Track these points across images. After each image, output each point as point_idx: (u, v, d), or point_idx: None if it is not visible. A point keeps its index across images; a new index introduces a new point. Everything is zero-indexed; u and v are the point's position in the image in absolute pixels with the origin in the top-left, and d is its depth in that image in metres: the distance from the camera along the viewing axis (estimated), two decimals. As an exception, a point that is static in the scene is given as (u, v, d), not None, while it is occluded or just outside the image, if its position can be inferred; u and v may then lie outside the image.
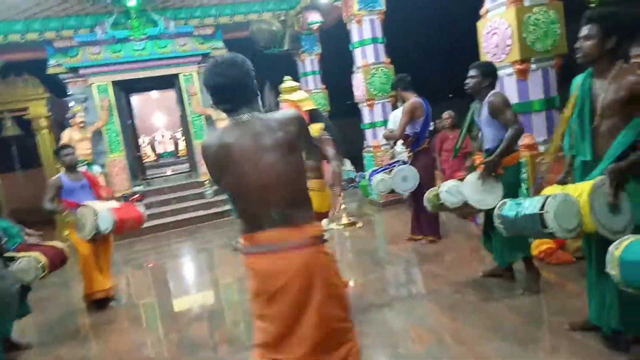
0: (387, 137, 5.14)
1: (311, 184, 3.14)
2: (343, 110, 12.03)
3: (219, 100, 1.74)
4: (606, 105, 2.26)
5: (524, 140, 4.12)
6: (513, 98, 4.14)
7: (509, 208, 2.64)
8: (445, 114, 5.89)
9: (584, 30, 2.32)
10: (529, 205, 2.45)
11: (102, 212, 4.11)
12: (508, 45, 4.04)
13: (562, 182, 2.55)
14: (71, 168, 4.32)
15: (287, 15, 9.76)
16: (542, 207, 2.30)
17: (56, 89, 9.81)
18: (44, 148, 9.12)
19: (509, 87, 4.20)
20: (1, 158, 9.67)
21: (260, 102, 1.80)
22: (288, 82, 3.74)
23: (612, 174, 2.16)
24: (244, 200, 1.71)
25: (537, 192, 2.72)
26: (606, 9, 2.36)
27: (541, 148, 4.08)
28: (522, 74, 4.07)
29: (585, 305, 2.58)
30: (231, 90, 1.71)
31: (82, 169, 4.99)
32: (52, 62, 8.48)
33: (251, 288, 1.77)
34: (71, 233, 4.32)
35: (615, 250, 1.91)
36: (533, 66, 4.07)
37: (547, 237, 2.48)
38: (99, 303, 4.42)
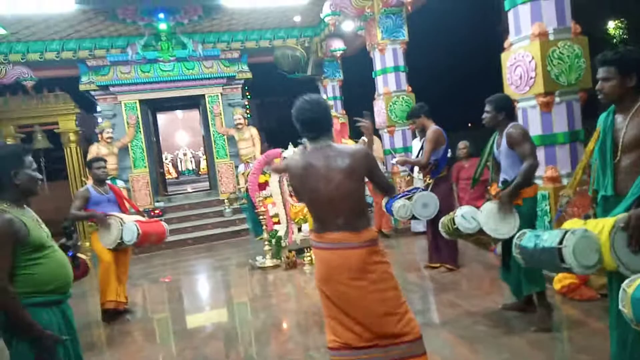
0: (402, 163, 5.20)
1: None
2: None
3: (307, 129, 2.24)
4: (627, 141, 2.27)
5: (547, 172, 4.11)
6: (536, 130, 4.15)
7: (528, 239, 2.61)
8: (461, 144, 5.90)
9: (601, 72, 2.34)
10: (547, 238, 2.42)
11: (128, 223, 4.23)
12: (532, 78, 4.07)
13: (586, 217, 2.53)
14: (100, 181, 4.46)
15: (311, 42, 10.02)
16: (561, 242, 2.28)
17: (86, 105, 10.18)
18: (71, 161, 9.39)
19: (532, 119, 4.21)
20: (29, 169, 9.95)
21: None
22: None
23: (634, 221, 2.10)
24: (316, 208, 2.23)
25: (558, 225, 2.70)
26: (621, 49, 2.38)
27: (564, 181, 4.05)
28: (546, 107, 4.08)
29: (609, 345, 2.52)
30: (317, 123, 2.23)
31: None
32: (84, 79, 8.83)
33: (316, 273, 2.30)
34: (94, 241, 4.43)
35: (628, 288, 1.86)
36: (557, 99, 4.08)
37: (564, 271, 2.45)
38: (112, 315, 4.48)
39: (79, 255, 3.63)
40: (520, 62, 4.17)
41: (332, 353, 2.25)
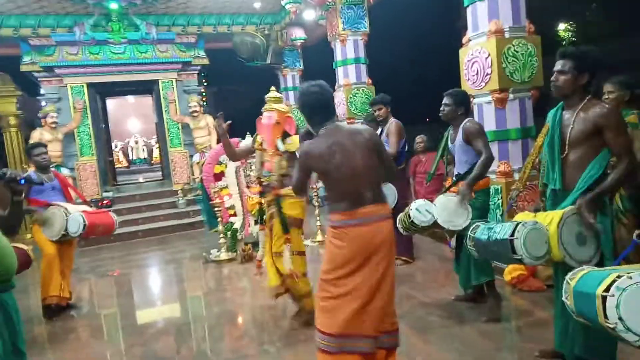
0: None
1: (288, 191, 3.31)
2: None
3: (323, 113, 2.32)
4: (574, 136, 2.37)
5: (499, 167, 4.22)
6: (491, 125, 4.25)
7: (481, 232, 2.68)
8: (419, 138, 5.98)
9: (558, 65, 2.43)
10: (500, 230, 2.50)
11: (74, 214, 4.01)
12: (488, 74, 4.15)
13: (536, 210, 2.61)
14: (42, 168, 4.18)
15: (271, 30, 9.83)
16: (513, 234, 2.35)
17: (28, 87, 9.51)
18: (11, 147, 8.77)
19: (487, 114, 4.31)
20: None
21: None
22: (274, 93, 3.74)
23: (587, 206, 2.23)
24: (347, 185, 2.23)
25: (509, 217, 2.77)
26: (581, 47, 2.49)
27: (516, 175, 4.18)
28: (501, 103, 4.18)
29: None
30: (331, 106, 2.37)
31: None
32: (26, 59, 8.25)
33: (340, 256, 2.23)
34: (36, 232, 4.16)
35: (571, 281, 1.94)
36: (511, 96, 4.18)
37: (516, 262, 2.53)
38: (55, 311, 4.23)
39: (20, 245, 3.38)
40: (477, 58, 4.24)
41: (332, 340, 2.19)
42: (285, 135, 3.54)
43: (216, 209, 5.96)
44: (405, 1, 9.50)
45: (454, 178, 3.44)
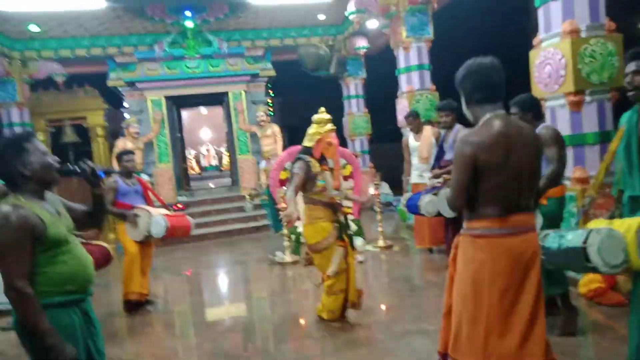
0: (439, 175, 4.77)
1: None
2: (384, 135, 12.07)
3: (484, 90, 1.96)
4: None
5: (575, 173, 3.99)
6: (565, 130, 4.03)
7: (552, 240, 2.55)
8: None
9: (632, 66, 2.33)
10: (572, 237, 2.37)
11: (157, 216, 4.29)
12: (562, 76, 3.96)
13: (611, 217, 2.47)
14: (128, 173, 4.55)
15: (335, 40, 10.00)
16: (586, 241, 2.22)
17: (113, 100, 10.41)
18: (99, 155, 9.63)
19: (561, 118, 4.10)
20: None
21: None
22: (325, 114, 3.78)
23: None
24: (507, 186, 1.91)
25: (583, 225, 2.63)
26: None
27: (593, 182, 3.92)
28: (576, 106, 3.96)
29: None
30: (496, 87, 1.98)
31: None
32: (112, 75, 9.03)
33: (481, 272, 1.94)
34: (121, 232, 4.51)
35: None
36: (588, 98, 3.95)
37: (590, 271, 2.38)
38: (135, 306, 4.56)
39: (102, 244, 3.71)
40: (549, 59, 4.05)
41: None
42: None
43: (281, 213, 6.13)
44: (470, 5, 9.26)
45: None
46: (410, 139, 5.66)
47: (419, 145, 5.48)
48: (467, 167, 1.91)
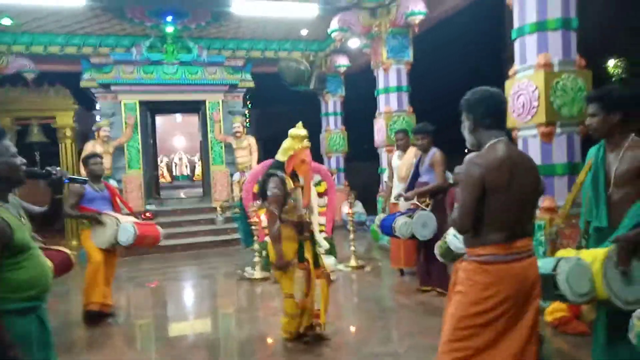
0: (419, 195, 4.75)
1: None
2: (360, 153, 12.15)
3: (493, 117, 2.05)
4: (618, 176, 2.37)
5: (544, 202, 4.10)
6: (536, 159, 4.13)
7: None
8: (457, 169, 5.88)
9: (589, 109, 2.50)
10: (542, 265, 2.42)
11: (125, 224, 4.14)
12: (534, 107, 4.09)
13: (578, 247, 2.55)
14: (95, 178, 4.39)
15: (316, 56, 10.08)
16: (554, 269, 2.28)
17: (85, 101, 10.10)
18: (65, 157, 9.29)
19: (532, 148, 4.22)
20: (22, 162, 9.85)
21: None
22: (302, 129, 3.63)
23: (621, 243, 2.18)
24: (513, 211, 1.96)
25: (551, 254, 2.69)
26: (605, 87, 2.54)
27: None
28: (547, 137, 4.09)
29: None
30: (502, 115, 2.13)
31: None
32: (85, 76, 8.79)
33: (486, 299, 1.95)
34: (85, 239, 4.33)
35: (638, 321, 1.87)
36: (558, 130, 4.09)
37: (558, 299, 2.45)
38: (95, 317, 4.36)
39: (63, 249, 3.52)
40: (523, 90, 4.18)
41: None
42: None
43: (253, 227, 6.05)
44: (450, 31, 9.53)
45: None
46: (394, 157, 5.69)
47: (399, 164, 5.51)
48: (475, 188, 1.94)
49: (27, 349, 1.78)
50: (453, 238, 3.34)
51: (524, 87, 4.19)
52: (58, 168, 2.05)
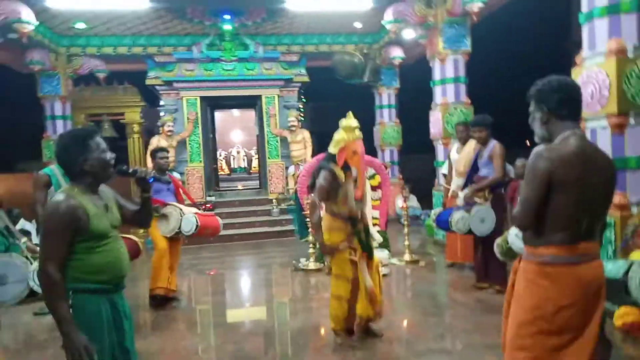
0: (477, 190, 4.59)
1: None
2: (415, 146, 11.94)
3: (569, 108, 1.89)
4: None
5: (615, 199, 3.83)
6: (606, 152, 3.89)
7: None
8: (519, 162, 5.63)
9: None
10: (612, 268, 2.28)
11: (188, 215, 4.39)
12: (605, 97, 3.83)
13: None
14: (162, 170, 4.66)
15: (370, 49, 9.98)
16: (627, 273, 2.14)
17: (150, 98, 10.70)
18: (133, 151, 9.90)
19: (602, 140, 3.96)
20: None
21: None
22: (354, 120, 3.56)
23: None
24: (581, 210, 1.80)
25: (623, 255, 2.52)
26: None
27: (634, 209, 3.77)
28: (619, 128, 3.82)
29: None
30: (579, 105, 1.93)
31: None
32: (151, 74, 9.28)
33: (549, 302, 1.82)
34: (152, 227, 4.60)
35: None
36: (632, 121, 3.81)
37: (629, 304, 2.29)
38: (160, 301, 4.64)
39: (132, 237, 3.79)
40: (592, 79, 3.93)
41: None
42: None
43: (307, 219, 6.15)
44: (511, 19, 9.09)
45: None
46: (453, 151, 5.56)
47: (457, 158, 5.37)
48: (540, 184, 1.80)
49: (95, 328, 1.91)
50: (515, 238, 3.21)
51: (593, 76, 3.93)
52: (140, 168, 2.20)
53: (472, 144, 5.27)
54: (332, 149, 3.53)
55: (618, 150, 3.88)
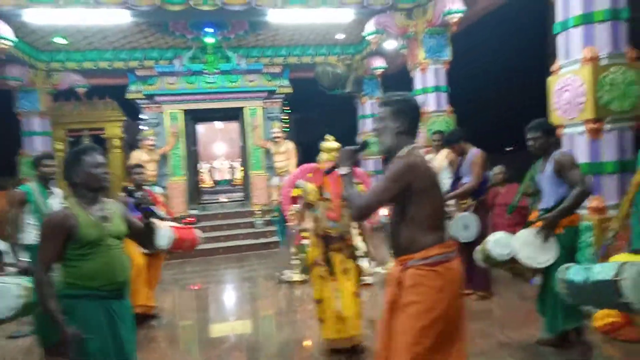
0: (455, 197, 4.63)
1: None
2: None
3: (414, 128, 2.12)
4: None
5: (592, 202, 3.90)
6: (583, 157, 3.96)
7: (576, 273, 2.45)
8: (497, 169, 5.70)
9: None
10: (600, 270, 2.27)
11: (163, 229, 4.30)
12: (581, 103, 3.91)
13: (634, 251, 2.38)
14: (138, 186, 4.59)
15: (353, 60, 10.07)
16: (617, 274, 2.12)
17: (131, 112, 10.59)
18: (114, 166, 9.75)
19: (579, 145, 4.03)
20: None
21: None
22: (333, 142, 3.68)
23: None
24: (440, 212, 2.03)
25: (603, 259, 2.54)
26: None
27: (611, 212, 3.83)
28: (595, 134, 3.90)
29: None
30: (418, 125, 2.17)
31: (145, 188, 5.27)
32: (132, 88, 9.20)
33: (440, 302, 1.92)
34: (127, 243, 4.50)
35: None
36: (608, 126, 3.89)
37: (620, 307, 2.27)
38: (139, 319, 4.51)
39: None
40: (569, 86, 4.01)
41: None
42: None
43: (291, 230, 6.11)
44: (490, 28, 9.28)
45: (541, 212, 3.23)
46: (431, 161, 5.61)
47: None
48: (396, 184, 1.98)
49: (86, 333, 2.00)
50: (494, 245, 3.23)
51: (569, 83, 4.02)
52: (145, 198, 2.36)
53: (444, 153, 5.36)
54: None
55: (595, 156, 3.95)
